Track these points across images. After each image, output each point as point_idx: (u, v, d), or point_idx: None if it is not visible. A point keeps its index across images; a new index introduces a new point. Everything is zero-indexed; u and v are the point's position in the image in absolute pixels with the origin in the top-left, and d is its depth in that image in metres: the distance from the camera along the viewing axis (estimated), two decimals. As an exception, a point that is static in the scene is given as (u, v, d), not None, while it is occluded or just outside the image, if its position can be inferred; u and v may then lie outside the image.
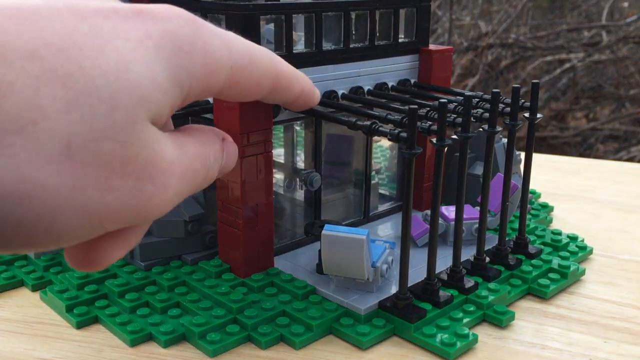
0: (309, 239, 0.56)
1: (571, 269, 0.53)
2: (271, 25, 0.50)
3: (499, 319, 0.46)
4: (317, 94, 0.31)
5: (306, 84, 0.30)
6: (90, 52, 0.19)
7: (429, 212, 0.55)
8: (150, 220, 0.22)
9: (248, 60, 0.25)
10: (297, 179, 0.56)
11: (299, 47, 0.53)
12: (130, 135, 0.19)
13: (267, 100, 0.28)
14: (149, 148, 0.20)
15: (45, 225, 0.18)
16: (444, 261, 0.51)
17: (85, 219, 0.19)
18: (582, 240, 0.59)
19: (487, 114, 0.48)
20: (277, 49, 0.50)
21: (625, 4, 2.86)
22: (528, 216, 0.63)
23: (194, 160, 0.23)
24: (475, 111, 0.49)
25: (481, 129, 0.51)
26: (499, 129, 0.48)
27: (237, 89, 0.25)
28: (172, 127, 0.26)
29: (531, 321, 0.48)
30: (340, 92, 0.54)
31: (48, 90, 0.18)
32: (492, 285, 0.49)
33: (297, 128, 0.59)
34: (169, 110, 0.21)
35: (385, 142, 0.74)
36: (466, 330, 0.44)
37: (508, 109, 0.50)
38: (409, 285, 0.45)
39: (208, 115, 0.51)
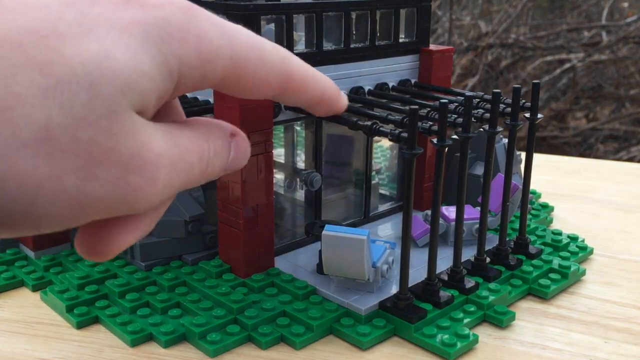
0: (309, 239, 0.56)
1: (571, 269, 0.53)
2: (272, 25, 0.50)
3: (500, 319, 0.46)
4: (343, 101, 0.29)
5: (328, 88, 0.28)
6: (72, 39, 0.19)
7: (429, 212, 0.55)
8: (144, 210, 0.21)
9: (253, 53, 0.24)
10: (298, 179, 0.56)
11: (300, 47, 0.53)
12: (111, 124, 0.19)
13: (281, 100, 0.27)
14: (132, 138, 0.20)
15: (22, 209, 0.18)
16: (444, 261, 0.51)
17: (65, 206, 0.19)
18: (583, 241, 0.59)
19: (487, 114, 0.48)
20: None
21: (625, 4, 2.87)
22: (528, 216, 0.63)
23: (187, 153, 0.22)
24: (475, 111, 0.49)
25: (482, 129, 0.51)
26: (499, 129, 0.48)
27: (240, 83, 0.24)
28: (180, 116, 0.25)
29: (531, 321, 0.48)
30: (340, 92, 0.54)
31: (26, 77, 0.18)
32: (492, 285, 0.49)
33: (298, 128, 0.59)
34: (157, 99, 0.21)
35: (385, 142, 0.74)
36: (466, 331, 0.44)
37: (508, 109, 0.50)
38: (409, 286, 0.45)
39: (208, 116, 0.51)
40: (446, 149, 0.43)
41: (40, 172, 0.18)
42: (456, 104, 0.50)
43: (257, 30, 0.47)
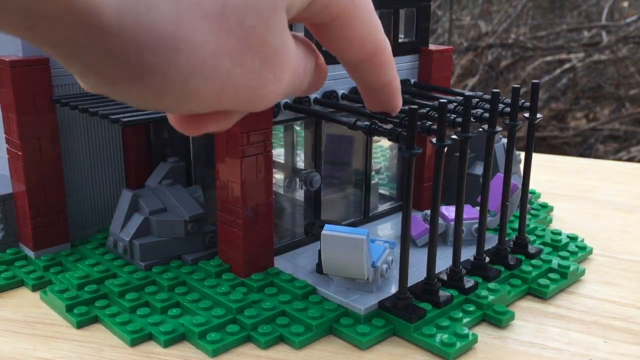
0: (309, 239, 0.56)
1: (571, 269, 0.53)
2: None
3: (499, 319, 0.46)
4: (399, 100, 0.30)
5: (396, 80, 0.29)
6: None
7: (428, 212, 0.55)
8: (259, 109, 0.21)
9: (366, 9, 0.24)
10: (297, 179, 0.56)
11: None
12: (270, 17, 0.19)
13: (358, 71, 0.27)
14: (280, 36, 0.20)
15: (181, 76, 0.18)
16: (443, 261, 0.51)
17: (210, 87, 0.19)
18: (582, 240, 0.59)
19: (487, 114, 0.48)
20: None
21: (625, 4, 2.86)
22: (528, 216, 0.63)
23: (301, 63, 0.23)
24: (475, 111, 0.49)
25: (481, 129, 0.51)
26: (498, 129, 0.48)
27: (344, 32, 0.24)
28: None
29: (531, 321, 0.48)
30: (340, 92, 0.54)
31: None
32: (492, 285, 0.49)
33: (297, 128, 0.59)
34: (298, 7, 0.21)
35: (385, 142, 0.74)
36: (466, 330, 0.44)
37: (508, 109, 0.50)
38: (408, 285, 0.46)
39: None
40: (445, 148, 0.43)
41: (207, 49, 0.18)
42: (455, 104, 0.50)
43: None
